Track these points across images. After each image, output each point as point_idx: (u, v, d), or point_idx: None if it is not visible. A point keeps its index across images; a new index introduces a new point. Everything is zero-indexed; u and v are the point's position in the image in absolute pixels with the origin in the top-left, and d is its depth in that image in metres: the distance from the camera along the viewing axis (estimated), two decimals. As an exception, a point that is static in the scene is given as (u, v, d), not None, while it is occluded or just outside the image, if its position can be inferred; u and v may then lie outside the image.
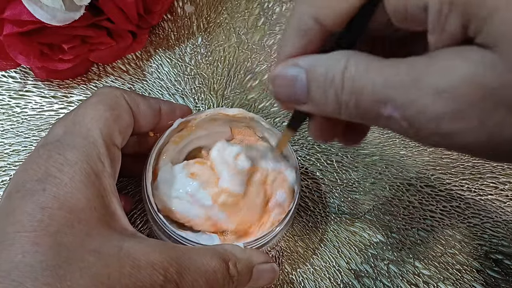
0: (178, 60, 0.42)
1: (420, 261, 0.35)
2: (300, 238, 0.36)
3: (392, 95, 0.16)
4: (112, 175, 0.25)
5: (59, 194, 0.22)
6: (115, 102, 0.27)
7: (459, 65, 0.15)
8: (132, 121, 0.28)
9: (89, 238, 0.22)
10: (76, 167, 0.23)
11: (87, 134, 0.25)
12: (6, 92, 0.39)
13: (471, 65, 0.15)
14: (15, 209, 0.22)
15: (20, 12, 0.33)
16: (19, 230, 0.21)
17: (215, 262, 0.25)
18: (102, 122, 0.26)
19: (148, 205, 0.29)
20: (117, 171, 0.27)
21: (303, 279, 0.35)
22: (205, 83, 0.41)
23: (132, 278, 0.22)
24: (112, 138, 0.26)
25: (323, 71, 0.18)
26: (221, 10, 0.44)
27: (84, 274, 0.21)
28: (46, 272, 0.20)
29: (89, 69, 0.41)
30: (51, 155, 0.24)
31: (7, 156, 0.37)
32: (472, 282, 0.35)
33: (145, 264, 0.22)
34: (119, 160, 0.27)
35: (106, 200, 0.24)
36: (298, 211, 0.37)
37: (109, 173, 0.25)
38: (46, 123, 0.38)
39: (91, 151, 0.24)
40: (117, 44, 0.39)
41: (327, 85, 0.18)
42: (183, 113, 0.32)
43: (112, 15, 0.36)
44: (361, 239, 0.36)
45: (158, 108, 0.30)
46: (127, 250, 0.23)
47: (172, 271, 0.23)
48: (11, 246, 0.21)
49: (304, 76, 0.19)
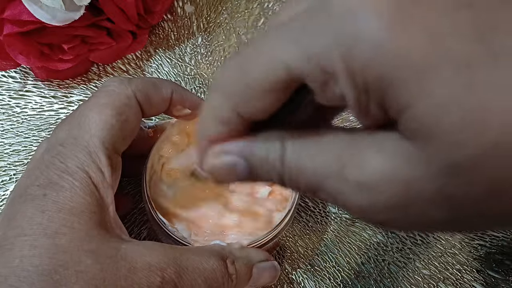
0: (178, 60, 0.42)
1: (420, 261, 0.35)
2: (300, 238, 0.36)
3: (322, 184, 0.16)
4: (111, 184, 0.25)
5: (59, 199, 0.23)
6: (124, 105, 0.26)
7: (376, 158, 0.15)
8: (140, 122, 0.28)
9: (87, 238, 0.22)
10: (76, 175, 0.24)
11: (89, 142, 0.25)
12: (6, 92, 0.39)
13: (387, 158, 0.14)
14: (16, 213, 0.23)
15: (20, 12, 0.33)
16: (19, 234, 0.22)
17: (213, 261, 0.25)
18: (107, 130, 0.25)
19: (148, 205, 0.29)
20: (118, 178, 0.26)
21: (303, 279, 0.35)
22: (205, 83, 0.41)
23: (128, 281, 0.22)
24: (115, 146, 0.26)
25: (263, 157, 0.17)
26: (221, 10, 0.44)
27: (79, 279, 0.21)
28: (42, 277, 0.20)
29: (89, 69, 0.41)
30: (54, 162, 0.24)
31: (7, 156, 0.37)
32: (472, 282, 0.35)
33: (142, 265, 0.22)
34: (120, 168, 0.27)
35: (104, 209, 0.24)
36: (298, 211, 0.37)
37: (108, 183, 0.25)
38: (46, 123, 0.38)
39: (91, 161, 0.24)
40: (117, 44, 0.39)
41: (270, 169, 0.18)
42: (192, 105, 0.30)
43: (112, 15, 0.36)
44: (361, 239, 0.36)
45: (169, 97, 0.29)
46: (124, 252, 0.23)
47: (169, 271, 0.23)
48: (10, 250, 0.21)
49: (243, 163, 0.18)
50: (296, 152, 0.17)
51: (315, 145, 0.16)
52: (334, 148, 0.16)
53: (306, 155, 0.16)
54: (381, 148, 0.14)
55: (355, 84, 0.14)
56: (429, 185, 0.13)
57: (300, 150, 0.17)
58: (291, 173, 0.17)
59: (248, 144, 0.18)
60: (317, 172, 0.16)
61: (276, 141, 0.17)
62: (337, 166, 0.15)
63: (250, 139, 0.18)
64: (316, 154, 0.16)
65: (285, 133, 0.17)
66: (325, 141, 0.16)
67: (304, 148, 0.17)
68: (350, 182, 0.15)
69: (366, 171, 0.15)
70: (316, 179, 0.16)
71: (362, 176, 0.15)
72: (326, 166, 0.16)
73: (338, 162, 0.15)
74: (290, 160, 0.17)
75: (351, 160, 0.15)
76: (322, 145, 0.16)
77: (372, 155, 0.15)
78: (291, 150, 0.17)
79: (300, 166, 0.16)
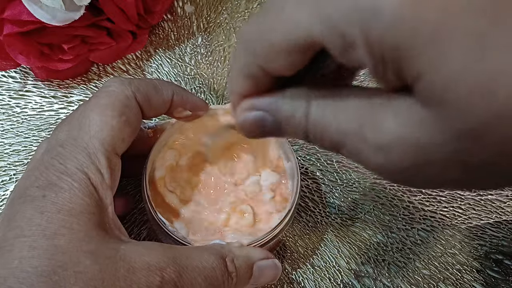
0: (178, 60, 0.42)
1: (420, 261, 0.35)
2: (300, 238, 0.36)
3: (344, 141, 0.17)
4: (110, 186, 0.25)
5: (58, 200, 0.23)
6: (124, 106, 0.26)
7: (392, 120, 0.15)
8: (140, 123, 0.28)
9: (86, 239, 0.22)
10: (75, 176, 0.24)
11: (88, 143, 0.25)
12: (6, 92, 0.39)
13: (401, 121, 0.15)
14: (16, 214, 0.23)
15: (20, 12, 0.33)
16: (18, 235, 0.22)
17: (213, 259, 0.25)
18: (107, 131, 0.25)
19: (148, 205, 0.29)
20: (117, 179, 0.26)
21: (303, 279, 0.35)
22: (205, 83, 0.41)
23: (127, 281, 0.22)
24: (115, 148, 0.26)
25: (289, 114, 0.18)
26: (221, 10, 0.44)
27: (78, 279, 0.21)
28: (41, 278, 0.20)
29: (89, 69, 0.41)
30: (53, 163, 0.24)
31: (7, 156, 0.37)
32: (472, 282, 0.35)
33: (141, 265, 0.22)
34: (119, 169, 0.27)
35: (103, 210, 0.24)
36: (298, 211, 0.37)
37: (107, 185, 0.25)
38: (46, 123, 0.38)
39: (91, 162, 0.24)
40: (117, 44, 0.39)
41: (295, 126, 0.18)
42: (193, 107, 0.30)
43: (112, 15, 0.36)
44: (361, 239, 0.36)
45: (170, 99, 0.29)
46: (123, 252, 0.23)
47: (169, 271, 0.23)
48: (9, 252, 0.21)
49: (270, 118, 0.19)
50: (321, 109, 0.17)
51: (338, 103, 0.17)
52: (355, 108, 0.17)
53: (330, 113, 0.17)
54: (397, 111, 0.15)
55: (373, 54, 0.14)
56: (442, 149, 0.14)
57: (324, 108, 0.17)
58: (315, 130, 0.18)
59: (275, 100, 0.19)
60: (339, 130, 0.17)
61: (302, 98, 0.18)
62: (357, 125, 0.16)
63: (278, 96, 0.19)
64: (338, 112, 0.17)
65: (310, 92, 0.18)
66: (347, 100, 0.17)
67: (328, 106, 0.17)
68: (368, 141, 0.16)
69: (382, 132, 0.15)
70: (339, 137, 0.17)
71: (378, 137, 0.16)
72: (347, 124, 0.17)
73: (358, 121, 0.16)
74: (315, 117, 0.18)
75: (370, 120, 0.16)
76: (345, 104, 0.17)
77: (388, 118, 0.15)
78: (315, 107, 0.18)
79: (324, 123, 0.17)
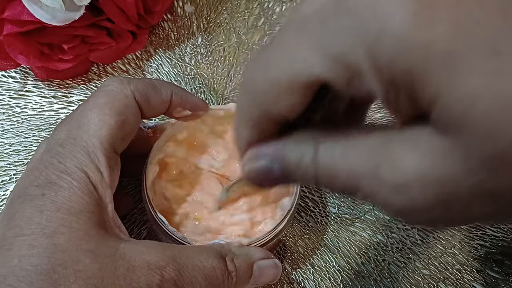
0: (178, 60, 0.42)
1: (420, 261, 0.35)
2: (300, 238, 0.36)
3: (358, 184, 0.16)
4: (109, 184, 0.25)
5: (57, 198, 0.23)
6: (123, 105, 0.26)
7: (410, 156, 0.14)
8: (139, 123, 0.28)
9: (86, 238, 0.22)
10: (74, 175, 0.24)
11: (88, 142, 0.25)
12: (6, 92, 0.39)
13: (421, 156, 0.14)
14: (15, 213, 0.23)
15: (20, 12, 0.33)
16: (17, 234, 0.22)
17: (213, 259, 0.25)
18: (106, 130, 0.25)
19: (148, 205, 0.29)
20: (116, 178, 0.26)
21: (303, 279, 0.35)
22: (205, 83, 0.41)
23: (127, 280, 0.22)
24: (114, 146, 0.26)
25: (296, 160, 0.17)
26: (221, 10, 0.44)
27: (78, 278, 0.21)
28: (40, 277, 0.20)
29: (89, 69, 0.41)
30: (53, 162, 0.24)
31: (7, 156, 0.37)
32: (472, 282, 0.35)
33: (140, 264, 0.22)
34: (119, 167, 0.27)
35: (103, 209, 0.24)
36: (298, 211, 0.37)
37: (107, 184, 0.25)
38: (46, 123, 0.38)
39: (90, 161, 0.24)
40: (117, 44, 0.39)
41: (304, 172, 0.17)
42: (193, 107, 0.30)
43: (112, 15, 0.36)
44: (361, 239, 0.36)
45: (169, 99, 0.29)
46: (122, 251, 0.23)
47: (169, 269, 0.23)
48: (9, 250, 0.21)
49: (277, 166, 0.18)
50: (329, 152, 0.16)
51: (347, 144, 0.16)
52: (366, 147, 0.15)
53: (340, 154, 0.16)
54: (415, 145, 0.14)
55: (382, 79, 0.13)
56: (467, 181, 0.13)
57: (333, 150, 0.16)
58: (325, 175, 0.16)
59: (280, 146, 0.18)
60: (351, 173, 0.16)
61: (308, 142, 0.17)
62: (371, 166, 0.15)
63: (283, 142, 0.18)
64: (349, 153, 0.16)
65: (317, 134, 0.17)
66: (357, 140, 0.16)
67: (336, 148, 0.16)
68: (386, 183, 0.15)
69: (400, 170, 0.14)
70: (352, 180, 0.16)
71: (397, 177, 0.14)
72: (360, 166, 0.15)
73: (371, 161, 0.15)
74: (324, 160, 0.16)
75: (385, 158, 0.15)
76: (355, 144, 0.16)
77: (406, 154, 0.14)
78: (323, 150, 0.16)
79: (334, 167, 0.16)
